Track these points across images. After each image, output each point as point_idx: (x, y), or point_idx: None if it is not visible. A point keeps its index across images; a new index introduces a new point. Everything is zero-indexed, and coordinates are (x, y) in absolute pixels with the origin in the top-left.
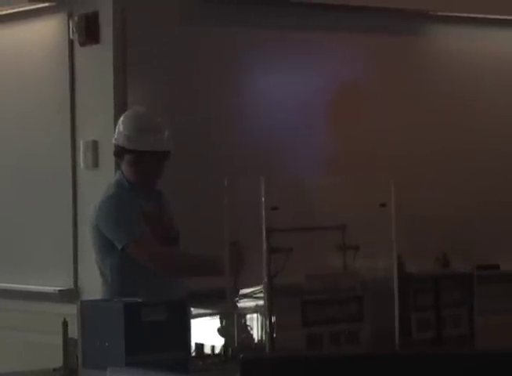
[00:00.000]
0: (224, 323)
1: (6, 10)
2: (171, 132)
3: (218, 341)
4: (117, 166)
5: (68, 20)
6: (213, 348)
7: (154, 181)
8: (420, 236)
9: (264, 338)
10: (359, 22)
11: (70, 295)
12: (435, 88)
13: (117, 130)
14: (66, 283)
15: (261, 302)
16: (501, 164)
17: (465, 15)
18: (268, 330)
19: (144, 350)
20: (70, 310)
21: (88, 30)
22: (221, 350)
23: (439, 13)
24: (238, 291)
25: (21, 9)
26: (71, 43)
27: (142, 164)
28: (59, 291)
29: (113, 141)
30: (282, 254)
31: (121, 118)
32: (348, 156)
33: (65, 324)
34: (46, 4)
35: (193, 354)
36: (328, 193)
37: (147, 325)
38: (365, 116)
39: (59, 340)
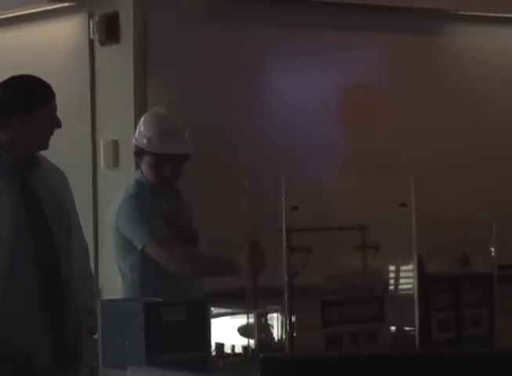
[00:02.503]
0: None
1: (26, 10)
2: (192, 134)
3: (238, 341)
4: (137, 166)
5: (88, 20)
6: (233, 347)
7: (173, 182)
8: (439, 236)
9: (284, 337)
10: (379, 21)
11: None
12: (455, 87)
13: (137, 130)
14: None
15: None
16: None
17: (485, 14)
18: (288, 329)
19: (164, 350)
20: None
21: (109, 30)
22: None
23: (460, 12)
24: (258, 291)
25: (41, 10)
26: (91, 43)
27: (162, 166)
28: None
29: (134, 141)
30: (301, 254)
31: (142, 119)
32: (368, 156)
33: None
34: (66, 4)
35: (213, 354)
36: (348, 193)
37: (167, 325)
38: (384, 116)
39: None
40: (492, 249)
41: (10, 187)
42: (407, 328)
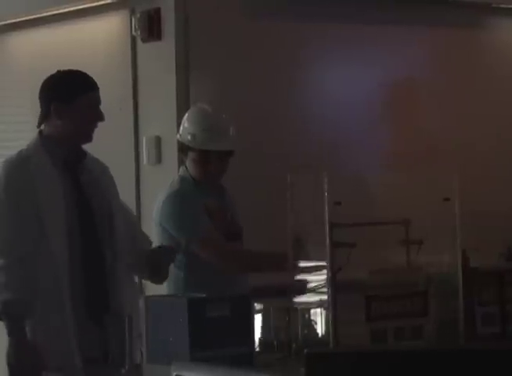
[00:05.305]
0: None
1: (69, 8)
2: (236, 131)
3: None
4: (181, 162)
5: (130, 17)
6: (277, 343)
7: (218, 177)
8: (484, 231)
9: (328, 332)
10: (422, 15)
11: None
12: (498, 82)
13: (182, 126)
14: None
15: (324, 297)
16: None
17: None
18: (331, 325)
19: (208, 346)
20: None
21: (151, 27)
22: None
23: (502, 6)
24: (301, 286)
25: (84, 7)
26: (133, 40)
27: (207, 162)
28: None
29: (178, 137)
30: (345, 250)
31: (187, 115)
32: (412, 151)
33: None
34: (108, 1)
35: (257, 349)
36: (391, 187)
37: (211, 320)
38: (428, 111)
39: None
40: None
41: (63, 183)
42: (452, 323)
